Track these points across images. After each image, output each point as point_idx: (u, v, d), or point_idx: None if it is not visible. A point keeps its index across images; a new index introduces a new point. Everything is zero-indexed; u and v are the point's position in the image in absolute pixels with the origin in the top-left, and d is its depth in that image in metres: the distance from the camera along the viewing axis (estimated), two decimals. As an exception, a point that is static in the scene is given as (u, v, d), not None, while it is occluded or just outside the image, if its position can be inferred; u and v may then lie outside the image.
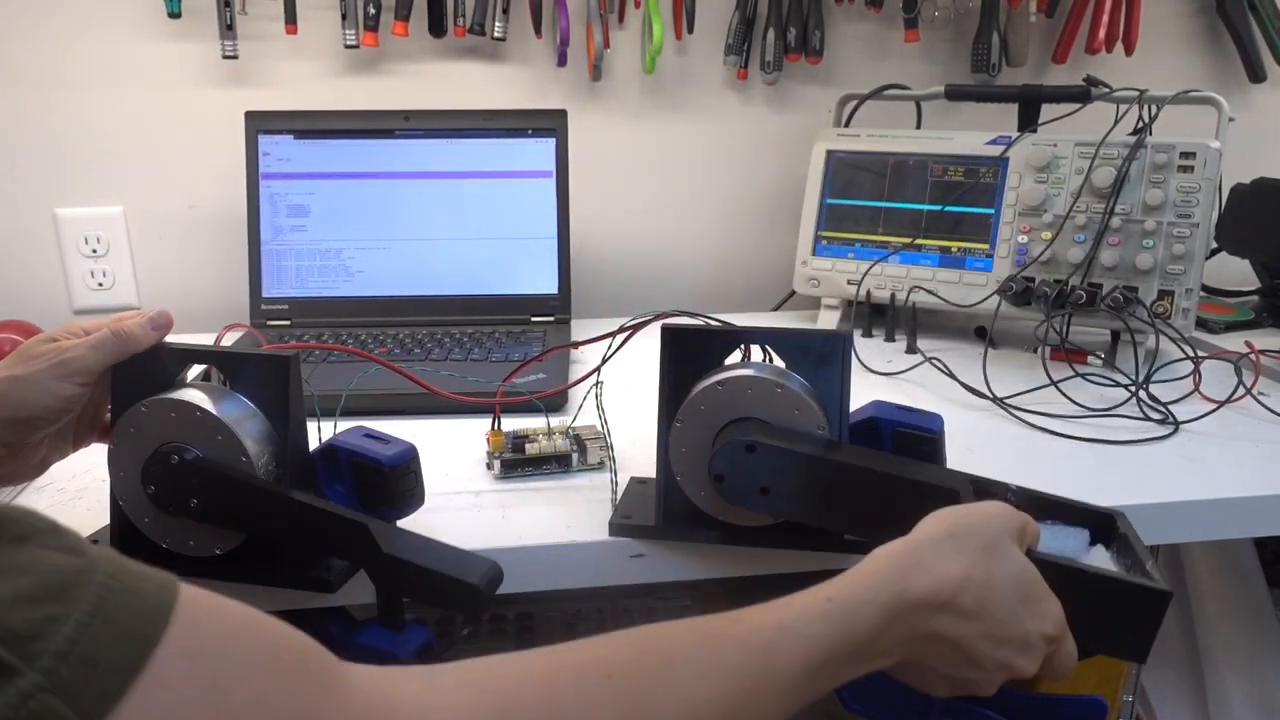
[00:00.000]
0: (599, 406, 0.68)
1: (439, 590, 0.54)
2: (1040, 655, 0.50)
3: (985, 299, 1.03)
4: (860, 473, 0.55)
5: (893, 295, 1.08)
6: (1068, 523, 0.56)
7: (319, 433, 0.61)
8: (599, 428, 0.71)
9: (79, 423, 0.61)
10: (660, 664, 0.43)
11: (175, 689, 0.31)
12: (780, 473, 0.56)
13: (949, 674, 0.50)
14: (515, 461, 0.73)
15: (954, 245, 1.07)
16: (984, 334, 1.07)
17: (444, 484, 0.71)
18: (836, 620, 0.46)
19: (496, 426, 0.73)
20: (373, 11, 1.11)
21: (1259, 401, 0.86)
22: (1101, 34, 1.22)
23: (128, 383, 0.58)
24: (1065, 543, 0.55)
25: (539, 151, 1.09)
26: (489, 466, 0.73)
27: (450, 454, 0.76)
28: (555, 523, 0.65)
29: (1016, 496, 0.56)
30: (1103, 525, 0.56)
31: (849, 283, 1.11)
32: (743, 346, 0.60)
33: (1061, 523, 0.56)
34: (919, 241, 1.08)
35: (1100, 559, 0.54)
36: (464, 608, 0.55)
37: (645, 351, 0.64)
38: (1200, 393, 0.88)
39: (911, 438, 0.59)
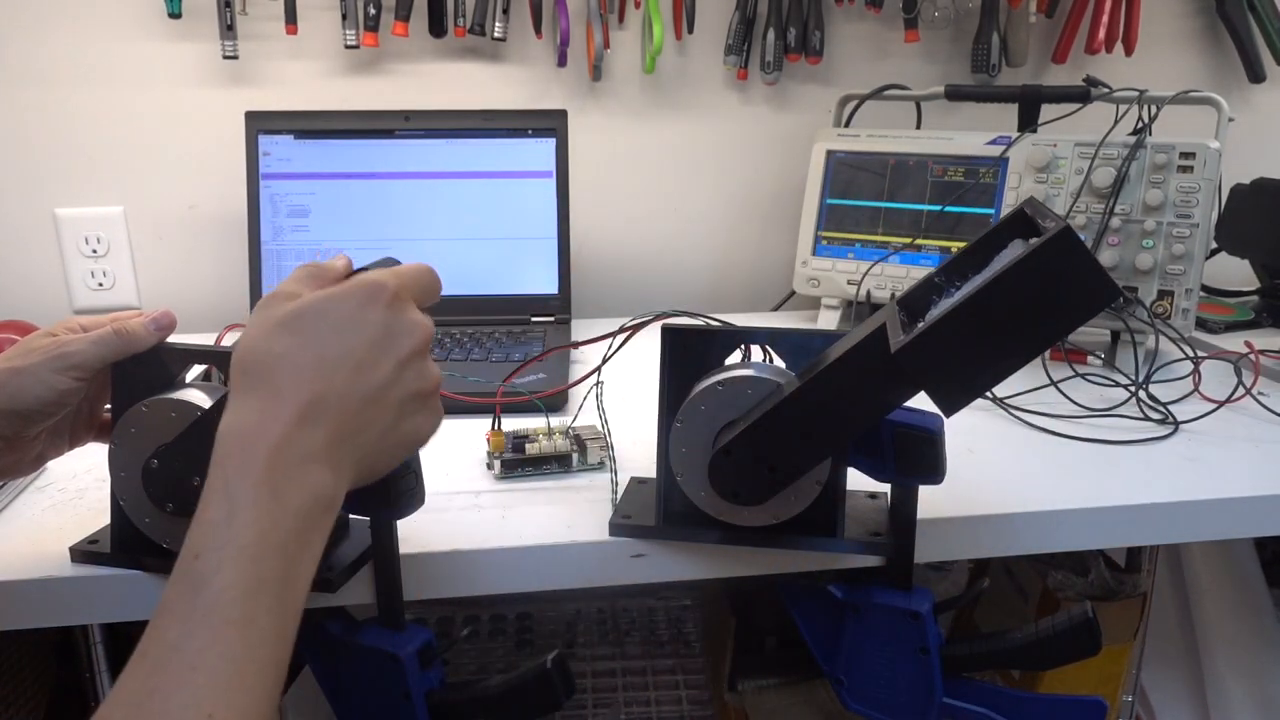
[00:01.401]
0: (599, 406, 0.68)
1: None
2: (405, 317, 0.48)
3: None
4: (818, 386, 0.54)
5: (893, 295, 1.08)
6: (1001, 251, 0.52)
7: (319, 433, 0.61)
8: (599, 428, 0.71)
9: (76, 420, 0.61)
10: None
11: None
12: (766, 441, 0.55)
13: (385, 430, 0.47)
14: (515, 461, 0.73)
15: (954, 245, 1.07)
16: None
17: (444, 484, 0.71)
18: (227, 530, 0.41)
19: (497, 426, 0.73)
20: (373, 11, 1.11)
21: (1259, 401, 0.86)
22: (1101, 34, 1.22)
23: (128, 382, 0.58)
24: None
25: (539, 151, 1.09)
26: (489, 466, 0.73)
27: (450, 454, 0.76)
28: (555, 523, 0.65)
29: (944, 277, 0.54)
30: (1029, 228, 0.52)
31: (849, 283, 1.11)
32: (743, 346, 0.60)
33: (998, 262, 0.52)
34: (919, 242, 1.08)
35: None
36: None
37: (645, 351, 0.64)
38: (1200, 393, 0.88)
39: (911, 437, 0.59)
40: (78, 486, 0.71)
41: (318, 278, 0.50)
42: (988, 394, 0.87)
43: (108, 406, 0.61)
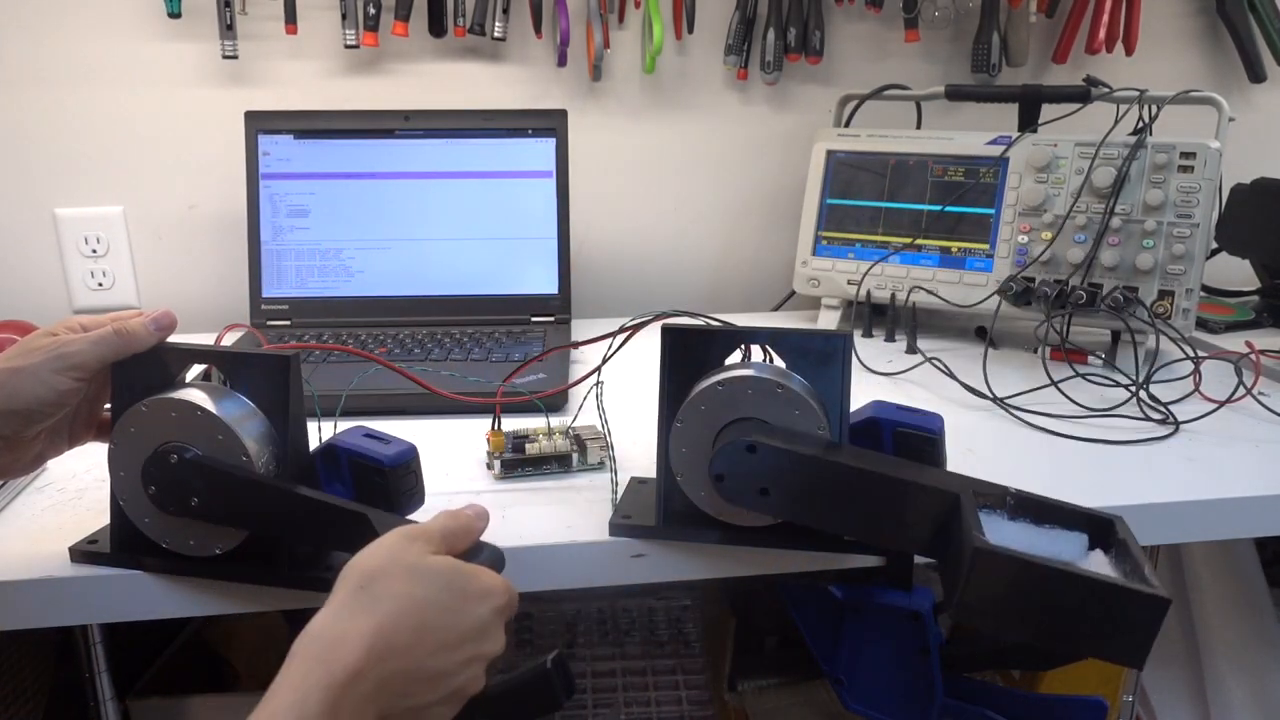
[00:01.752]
0: (599, 406, 0.68)
1: None
2: (501, 625, 0.51)
3: (985, 299, 1.03)
4: (859, 474, 0.55)
5: (893, 295, 1.08)
6: (1066, 527, 0.56)
7: (319, 432, 0.61)
8: (599, 428, 0.71)
9: (75, 419, 0.61)
10: None
11: None
12: (780, 473, 0.56)
13: (434, 702, 0.49)
14: (515, 461, 0.73)
15: (954, 245, 1.07)
16: (984, 334, 1.07)
17: (444, 484, 0.71)
18: None
19: (497, 426, 0.73)
20: (373, 11, 1.11)
21: (1259, 401, 0.86)
22: (1101, 34, 1.22)
23: (128, 382, 0.58)
24: (1063, 547, 0.55)
25: (539, 151, 1.09)
26: (489, 466, 0.73)
27: (450, 454, 0.76)
28: (555, 523, 0.65)
29: (1015, 500, 0.56)
30: (1101, 530, 0.56)
31: (849, 283, 1.11)
32: (743, 346, 0.60)
33: (1060, 527, 0.56)
34: (919, 242, 1.08)
35: (1099, 564, 0.54)
36: None
37: (645, 351, 0.64)
38: (1200, 393, 0.88)
39: (911, 438, 0.59)
40: (78, 486, 0.71)
41: (457, 540, 0.53)
42: (987, 394, 0.88)
43: (107, 406, 0.61)
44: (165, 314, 0.59)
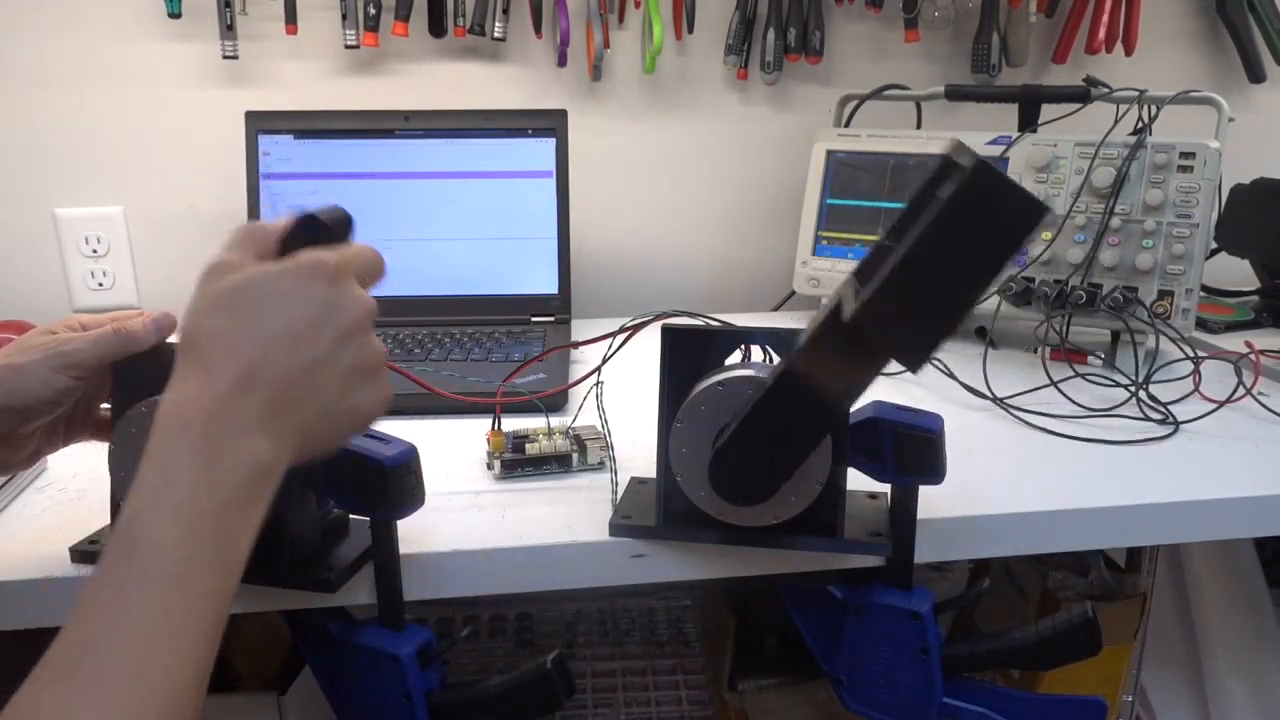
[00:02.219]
0: (599, 406, 0.68)
1: None
2: (346, 289, 0.48)
3: (985, 299, 1.03)
4: (797, 373, 0.54)
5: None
6: None
7: (319, 433, 0.61)
8: (599, 428, 0.71)
9: (72, 417, 0.61)
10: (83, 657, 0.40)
11: None
12: (758, 438, 0.55)
13: (335, 392, 0.47)
14: (515, 461, 0.73)
15: (954, 245, 1.07)
16: (984, 334, 1.07)
17: (444, 484, 0.71)
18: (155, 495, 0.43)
19: (497, 426, 0.73)
20: (373, 11, 1.11)
21: (1259, 401, 0.86)
22: (1101, 34, 1.22)
23: (128, 382, 0.58)
24: None
25: (539, 151, 1.09)
26: (489, 466, 0.73)
27: (450, 454, 0.76)
28: (555, 523, 0.65)
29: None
30: None
31: (849, 283, 1.11)
32: (743, 346, 0.60)
33: None
34: (919, 241, 1.08)
35: None
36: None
37: (645, 351, 0.64)
38: (1200, 393, 0.88)
39: (911, 438, 0.59)
40: (78, 486, 0.71)
41: (256, 239, 0.50)
42: (987, 394, 0.88)
43: (105, 405, 0.61)
44: (165, 315, 0.59)
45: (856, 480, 0.60)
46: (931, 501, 0.63)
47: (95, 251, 1.17)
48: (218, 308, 0.46)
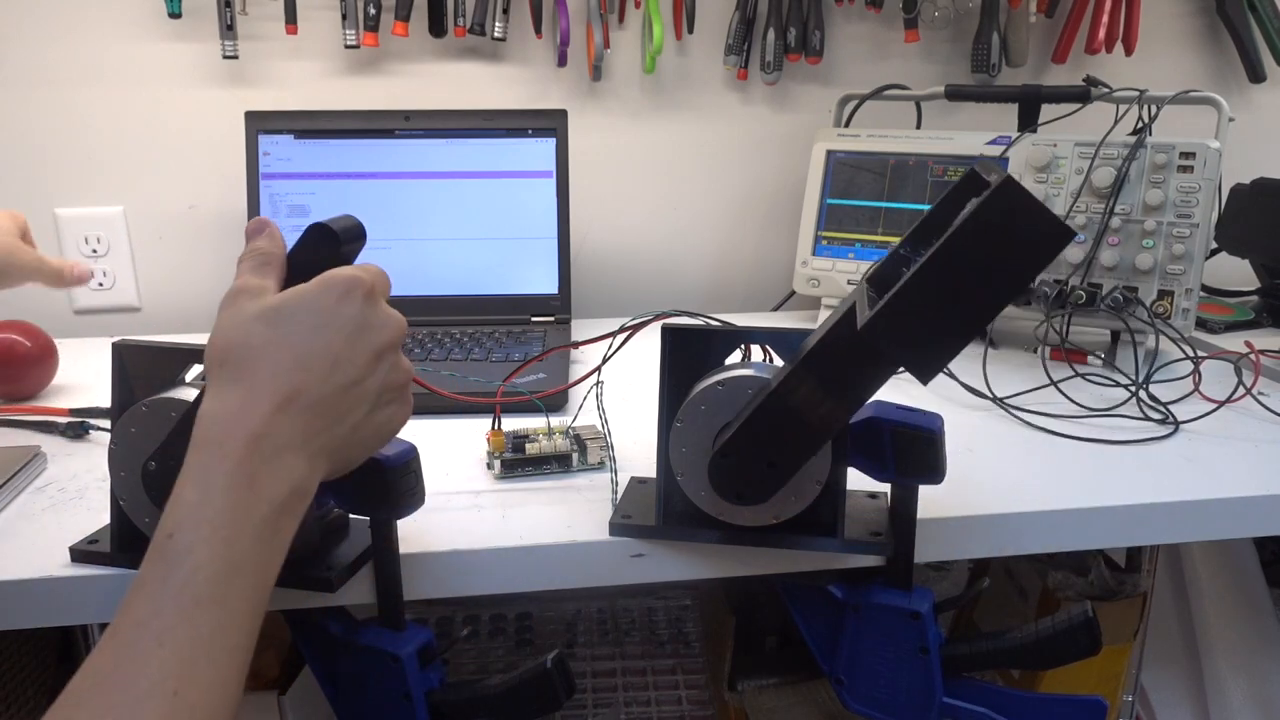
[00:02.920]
0: (599, 406, 0.68)
1: None
2: (377, 307, 0.49)
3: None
4: (804, 377, 0.54)
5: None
6: None
7: (319, 433, 0.61)
8: (599, 428, 0.71)
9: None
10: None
11: None
12: (761, 439, 0.55)
13: (367, 409, 0.48)
14: (515, 461, 0.73)
15: (954, 245, 1.07)
16: (984, 334, 1.07)
17: (444, 484, 0.71)
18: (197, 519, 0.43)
19: (497, 426, 0.73)
20: (373, 11, 1.11)
21: (1259, 401, 0.86)
22: (1101, 34, 1.22)
23: (128, 382, 0.58)
24: None
25: (539, 151, 1.09)
26: (489, 466, 0.73)
27: (450, 454, 0.76)
28: (555, 523, 0.65)
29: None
30: None
31: (849, 283, 1.11)
32: (743, 346, 0.60)
33: None
34: (919, 241, 1.08)
35: None
36: None
37: (645, 351, 0.65)
38: (1200, 393, 0.88)
39: (911, 437, 0.59)
40: (78, 486, 0.71)
41: (274, 265, 0.51)
42: (987, 394, 0.88)
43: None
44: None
45: (856, 480, 0.60)
46: (931, 501, 0.63)
47: (95, 251, 1.17)
48: (256, 326, 0.47)
